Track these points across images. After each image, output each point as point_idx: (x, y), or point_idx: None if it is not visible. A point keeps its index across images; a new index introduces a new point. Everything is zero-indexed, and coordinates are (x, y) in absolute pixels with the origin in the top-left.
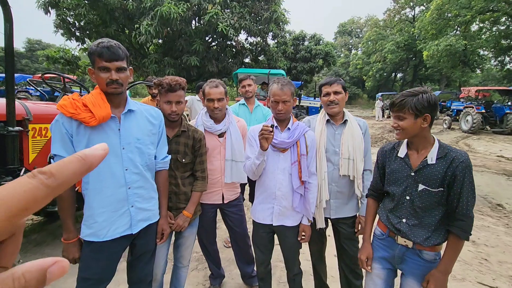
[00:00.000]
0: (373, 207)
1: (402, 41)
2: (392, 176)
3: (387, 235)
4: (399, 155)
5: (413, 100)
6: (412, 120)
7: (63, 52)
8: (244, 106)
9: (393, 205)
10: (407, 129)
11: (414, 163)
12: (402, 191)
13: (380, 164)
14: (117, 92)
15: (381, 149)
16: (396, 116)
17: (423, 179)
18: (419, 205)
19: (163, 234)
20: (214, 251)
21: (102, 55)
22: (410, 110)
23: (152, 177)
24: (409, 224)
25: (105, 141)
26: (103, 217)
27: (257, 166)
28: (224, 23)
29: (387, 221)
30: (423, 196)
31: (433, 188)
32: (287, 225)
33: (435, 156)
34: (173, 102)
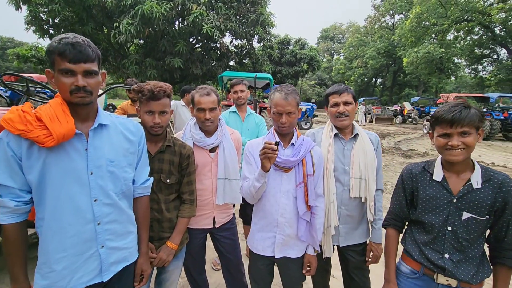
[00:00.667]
0: (396, 238)
1: (382, 48)
2: (427, 203)
3: (421, 273)
4: (434, 178)
5: (476, 113)
6: (475, 135)
7: (35, 50)
8: (235, 114)
9: (430, 237)
10: (472, 146)
11: (454, 188)
12: (443, 221)
13: (408, 189)
14: (85, 102)
15: (408, 171)
16: (461, 133)
17: (468, 206)
18: (465, 237)
19: (142, 276)
20: (202, 281)
21: (65, 55)
22: (475, 124)
23: (130, 206)
24: (453, 260)
25: (66, 165)
26: (62, 264)
27: (257, 189)
28: (210, 25)
29: (422, 257)
30: (469, 226)
31: (481, 216)
32: (291, 257)
33: (480, 179)
34: (156, 113)
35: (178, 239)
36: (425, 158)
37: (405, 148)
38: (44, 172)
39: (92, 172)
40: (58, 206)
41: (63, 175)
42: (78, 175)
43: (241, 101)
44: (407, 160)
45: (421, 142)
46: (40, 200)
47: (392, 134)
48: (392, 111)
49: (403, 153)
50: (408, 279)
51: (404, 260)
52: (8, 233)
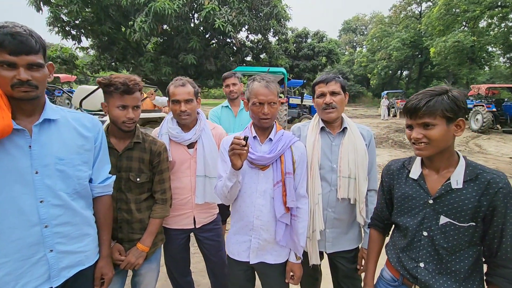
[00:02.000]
0: (378, 241)
1: (408, 38)
2: (403, 203)
3: (400, 282)
4: (411, 175)
5: (444, 100)
6: (444, 128)
7: (60, 51)
8: (227, 108)
9: (405, 242)
10: (437, 140)
11: (432, 188)
12: (418, 224)
13: (386, 187)
14: (30, 97)
15: (387, 168)
16: (421, 124)
17: (446, 209)
18: (443, 245)
19: (103, 279)
20: (187, 283)
21: (3, 45)
22: (443, 114)
23: (86, 206)
24: (429, 270)
25: (6, 164)
26: (4, 270)
27: (229, 189)
28: (222, 19)
29: (399, 263)
30: (447, 232)
31: (461, 222)
32: (269, 263)
33: (462, 178)
34: (130, 107)
35: (149, 241)
36: None
37: None
38: None
39: (37, 171)
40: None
41: (3, 175)
42: (20, 175)
43: (234, 95)
44: None
45: None
46: None
47: None
48: None
49: None
50: (388, 286)
51: (387, 266)
52: None
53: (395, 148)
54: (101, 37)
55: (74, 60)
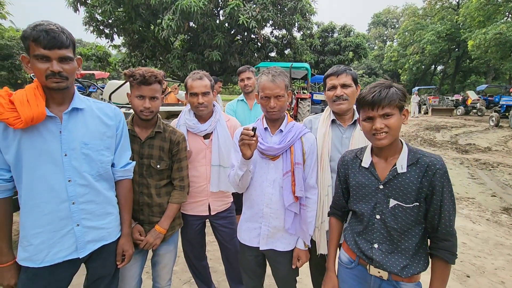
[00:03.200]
0: (337, 228)
1: (443, 31)
2: (358, 191)
3: (356, 263)
4: (363, 164)
5: (396, 91)
6: (399, 116)
7: (95, 49)
8: (243, 102)
9: (362, 227)
10: (395, 129)
11: (382, 174)
12: (371, 209)
13: (342, 177)
14: (60, 87)
15: (342, 159)
16: (382, 115)
17: (395, 193)
18: (393, 226)
19: (124, 255)
20: (202, 267)
21: (39, 40)
22: (399, 103)
23: (109, 188)
24: (383, 251)
25: (40, 147)
26: (39, 239)
27: (240, 177)
28: (246, 15)
29: (356, 246)
30: (396, 214)
31: (407, 203)
32: (278, 250)
33: (406, 162)
34: (147, 97)
35: (166, 223)
36: (486, 154)
37: (463, 142)
38: (19, 152)
39: (66, 153)
40: (33, 185)
41: (37, 156)
42: (52, 156)
43: (248, 89)
44: (462, 155)
45: (484, 135)
46: (18, 178)
47: (450, 126)
48: (453, 101)
49: (459, 148)
50: (346, 269)
51: (344, 248)
52: None
53: (424, 146)
54: (132, 35)
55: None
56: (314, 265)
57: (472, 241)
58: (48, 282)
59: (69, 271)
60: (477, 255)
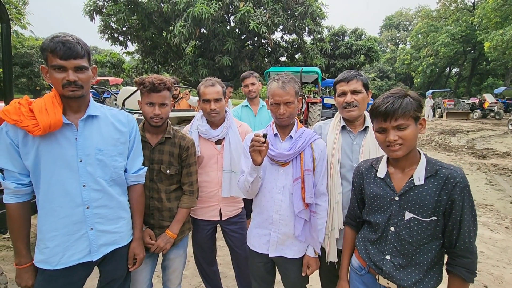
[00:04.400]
0: (351, 237)
1: (458, 32)
2: (372, 202)
3: (366, 271)
4: (378, 175)
5: (411, 101)
6: (414, 127)
7: (109, 56)
8: (247, 108)
9: (375, 236)
10: (410, 140)
11: (397, 185)
12: (386, 220)
13: (357, 187)
14: (76, 95)
15: (357, 169)
16: (396, 126)
17: (410, 205)
18: (408, 240)
19: (135, 259)
20: (213, 272)
21: (55, 52)
22: (414, 114)
23: (122, 193)
24: (394, 263)
25: (57, 153)
26: (55, 242)
27: (250, 183)
28: (256, 21)
29: (366, 255)
30: (412, 227)
31: (424, 216)
32: (288, 257)
33: (423, 174)
34: (156, 104)
35: (176, 228)
36: (505, 159)
37: (480, 146)
38: (38, 158)
39: (81, 159)
40: (50, 189)
41: (54, 162)
42: (68, 162)
43: (253, 95)
44: (479, 160)
45: (503, 140)
46: (36, 183)
47: (466, 130)
48: (469, 105)
49: (475, 153)
50: (356, 275)
51: (355, 255)
52: (11, 212)
53: (439, 151)
54: (145, 42)
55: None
56: (324, 272)
57: (490, 249)
58: (63, 284)
59: (83, 274)
60: (495, 265)
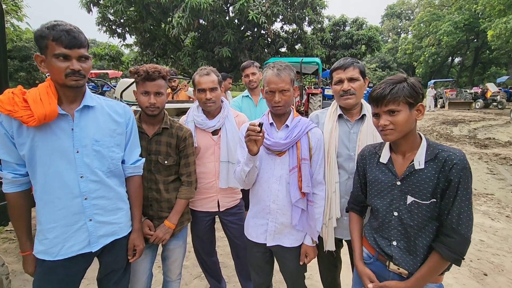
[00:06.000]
0: (358, 222)
1: (461, 21)
2: (374, 186)
3: (375, 258)
4: (381, 160)
5: (405, 87)
6: (407, 113)
7: (108, 49)
8: (248, 98)
9: (377, 223)
10: (403, 125)
11: (399, 170)
12: (388, 205)
13: (360, 172)
14: (79, 85)
15: (361, 153)
16: (387, 111)
17: (411, 190)
18: (409, 223)
19: (135, 250)
20: (212, 263)
21: (60, 40)
22: (405, 100)
23: (120, 184)
24: (401, 248)
25: (53, 144)
26: (54, 233)
27: (246, 173)
28: (255, 11)
29: (375, 243)
30: (413, 211)
31: (424, 199)
32: (286, 246)
33: (424, 158)
34: (151, 93)
35: (175, 219)
36: (507, 149)
37: (482, 136)
38: (33, 149)
39: (78, 150)
40: (47, 180)
41: (51, 153)
42: (65, 153)
43: (253, 85)
44: (481, 150)
45: (505, 129)
46: (32, 174)
47: (468, 120)
48: (471, 94)
49: (477, 142)
50: (366, 264)
51: (364, 244)
52: (10, 201)
53: (440, 141)
54: (143, 34)
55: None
56: (322, 261)
57: (490, 238)
58: (63, 275)
59: (82, 265)
60: (495, 253)
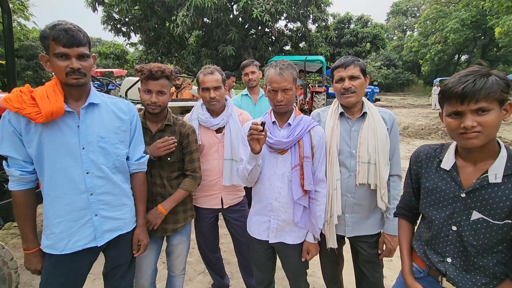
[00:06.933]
0: (408, 230)
1: (468, 18)
2: (431, 195)
3: (426, 273)
4: (442, 166)
5: (496, 81)
6: (498, 112)
7: (113, 48)
8: (247, 97)
9: (429, 235)
10: (492, 127)
11: (466, 181)
12: (446, 218)
13: (413, 175)
14: (80, 83)
15: (416, 154)
16: (476, 110)
17: (480, 205)
18: (472, 242)
19: (140, 245)
20: (216, 259)
21: (58, 39)
22: (501, 96)
23: (125, 180)
24: (457, 266)
25: (60, 140)
26: (60, 228)
27: (249, 172)
28: (259, 9)
29: (425, 256)
30: (479, 229)
31: (496, 219)
32: (288, 243)
33: (502, 171)
34: (154, 92)
35: (169, 206)
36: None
37: None
38: (41, 146)
39: (84, 147)
40: (54, 176)
41: (57, 149)
42: (71, 150)
43: (253, 83)
44: None
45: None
46: (40, 170)
47: None
48: None
49: None
50: (416, 279)
51: (412, 257)
52: (16, 199)
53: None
54: (148, 33)
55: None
56: (324, 258)
57: None
58: (70, 269)
59: (88, 259)
60: None
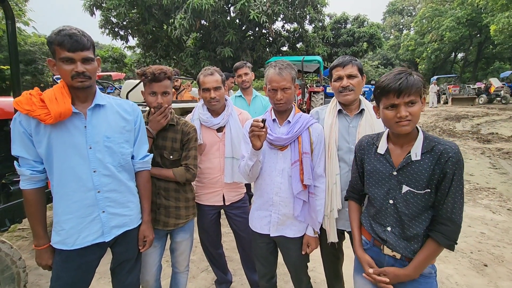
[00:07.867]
0: (357, 210)
1: (464, 16)
2: (372, 176)
3: (371, 244)
4: (379, 151)
5: (418, 78)
6: (420, 104)
7: (111, 51)
8: (240, 98)
9: (374, 210)
10: (418, 116)
11: (396, 161)
12: (384, 194)
13: (358, 161)
14: (85, 86)
15: (359, 143)
16: (406, 103)
17: (407, 179)
18: (404, 211)
19: (145, 241)
20: (218, 255)
21: (63, 44)
22: (421, 91)
23: (130, 178)
24: (395, 234)
25: (68, 140)
26: (69, 224)
27: (250, 167)
28: (256, 10)
29: (371, 229)
30: (408, 199)
31: (419, 189)
32: (288, 236)
33: (420, 150)
34: (159, 93)
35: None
36: (510, 144)
37: (485, 131)
38: (50, 146)
39: (91, 146)
40: (63, 175)
41: (66, 149)
42: (79, 149)
43: (246, 85)
44: (484, 145)
45: (508, 124)
46: (50, 170)
47: (471, 116)
48: (474, 90)
49: (480, 138)
50: (364, 250)
51: (362, 232)
52: (27, 197)
53: (443, 137)
54: (146, 36)
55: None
56: (325, 253)
57: (491, 231)
58: (79, 263)
59: (97, 254)
60: (496, 245)
